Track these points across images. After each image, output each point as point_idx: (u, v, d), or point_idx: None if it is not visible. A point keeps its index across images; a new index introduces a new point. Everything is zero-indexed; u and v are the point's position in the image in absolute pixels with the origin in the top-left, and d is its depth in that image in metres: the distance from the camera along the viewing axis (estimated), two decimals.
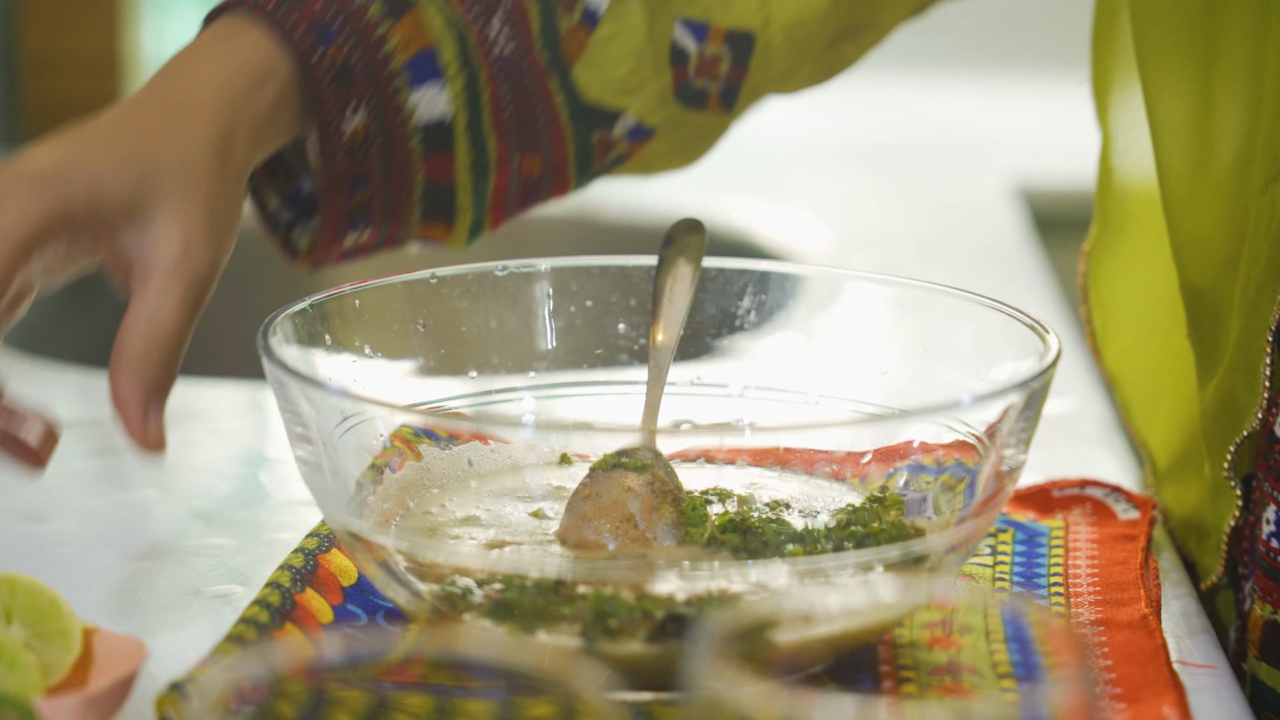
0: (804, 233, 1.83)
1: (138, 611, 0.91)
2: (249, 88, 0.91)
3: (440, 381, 0.97)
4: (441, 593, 0.81)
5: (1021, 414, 0.83)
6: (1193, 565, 1.01)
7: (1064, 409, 1.17)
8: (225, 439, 1.18)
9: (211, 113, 0.89)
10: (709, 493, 0.91)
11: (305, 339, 0.90)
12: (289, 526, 1.00)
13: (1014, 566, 0.94)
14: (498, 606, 0.79)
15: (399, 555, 0.82)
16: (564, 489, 0.92)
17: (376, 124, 0.96)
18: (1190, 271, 0.94)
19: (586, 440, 0.95)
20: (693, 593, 0.79)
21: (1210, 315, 0.94)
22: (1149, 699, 0.81)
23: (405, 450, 0.92)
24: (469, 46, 0.97)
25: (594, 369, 1.00)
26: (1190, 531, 1.01)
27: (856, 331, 0.98)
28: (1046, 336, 0.87)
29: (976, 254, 1.77)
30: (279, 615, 0.85)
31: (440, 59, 0.96)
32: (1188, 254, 0.94)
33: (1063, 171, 2.11)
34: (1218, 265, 0.93)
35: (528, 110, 0.99)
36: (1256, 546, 0.93)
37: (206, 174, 0.88)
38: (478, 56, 0.97)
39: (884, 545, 0.83)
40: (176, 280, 0.85)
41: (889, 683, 0.81)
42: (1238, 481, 0.94)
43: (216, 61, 0.92)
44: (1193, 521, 1.01)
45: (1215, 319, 0.94)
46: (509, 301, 0.99)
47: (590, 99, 1.00)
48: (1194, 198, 0.93)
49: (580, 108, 1.00)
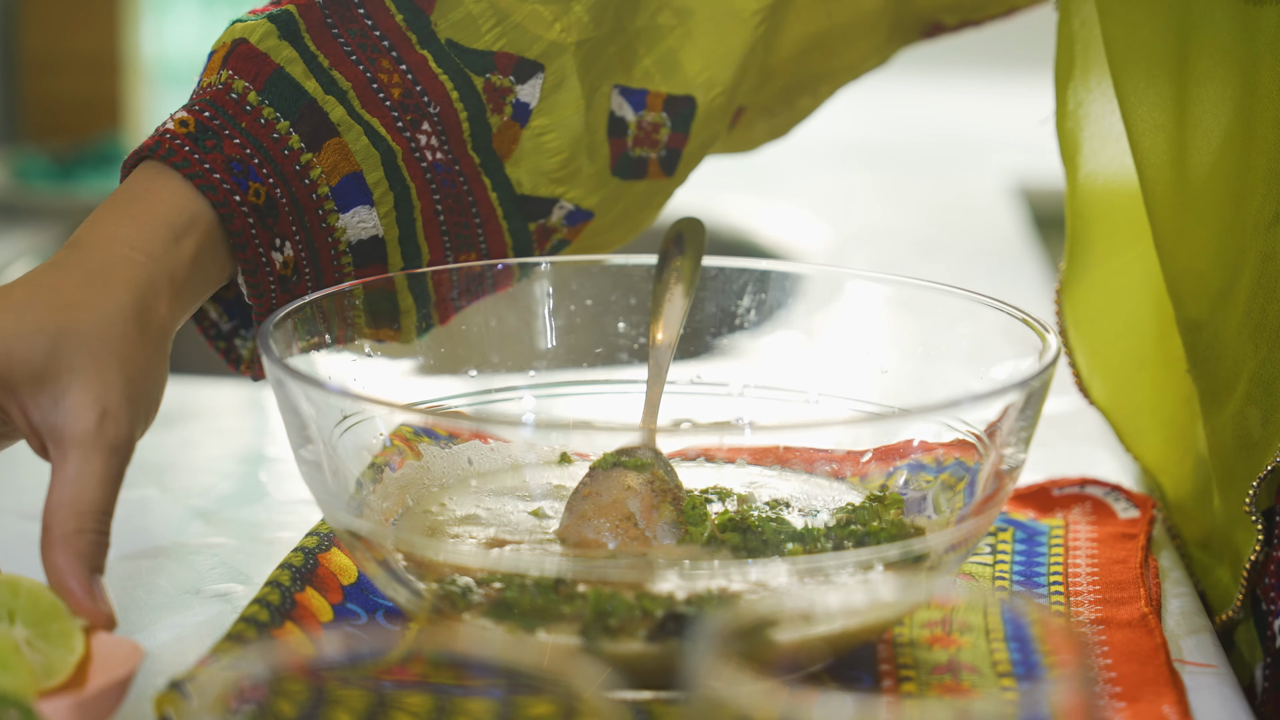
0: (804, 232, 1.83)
1: (137, 610, 0.91)
2: (167, 243, 0.88)
3: (440, 380, 0.97)
4: (441, 591, 0.81)
5: (1021, 413, 0.83)
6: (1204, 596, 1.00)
7: (1064, 408, 1.17)
8: (225, 438, 1.18)
9: (130, 274, 0.86)
10: (709, 491, 0.91)
11: (305, 338, 0.90)
12: (289, 525, 1.00)
13: (1014, 565, 0.94)
14: (497, 605, 0.79)
15: (399, 554, 0.82)
16: (564, 488, 0.92)
17: (306, 252, 0.93)
18: (1186, 306, 0.93)
19: (586, 439, 0.95)
20: (692, 591, 0.79)
21: (1208, 349, 0.93)
22: (1149, 698, 0.81)
23: (405, 449, 0.92)
24: (396, 163, 0.94)
25: (594, 368, 1.00)
26: (1202, 561, 1.01)
27: (856, 330, 0.98)
28: (1046, 335, 0.87)
29: (976, 253, 1.77)
30: (279, 614, 0.85)
31: (367, 181, 0.94)
32: (1182, 289, 0.93)
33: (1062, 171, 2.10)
34: (1212, 298, 0.92)
35: (462, 213, 0.96)
36: None
37: (124, 339, 0.85)
38: (407, 170, 0.94)
39: (884, 544, 0.83)
40: (96, 451, 0.82)
41: (889, 681, 0.81)
42: (1259, 515, 0.92)
43: (133, 217, 0.89)
44: (1205, 551, 1.01)
45: (1213, 353, 0.93)
46: (509, 300, 0.99)
47: (525, 191, 0.97)
48: (1183, 232, 0.92)
49: (514, 199, 0.97)
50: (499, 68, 0.95)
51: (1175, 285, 0.93)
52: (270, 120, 0.92)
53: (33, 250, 1.74)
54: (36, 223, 1.80)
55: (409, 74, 0.94)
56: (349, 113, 0.93)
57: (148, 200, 0.89)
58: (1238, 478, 0.93)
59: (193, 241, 0.89)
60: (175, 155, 0.90)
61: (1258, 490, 0.91)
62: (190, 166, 0.90)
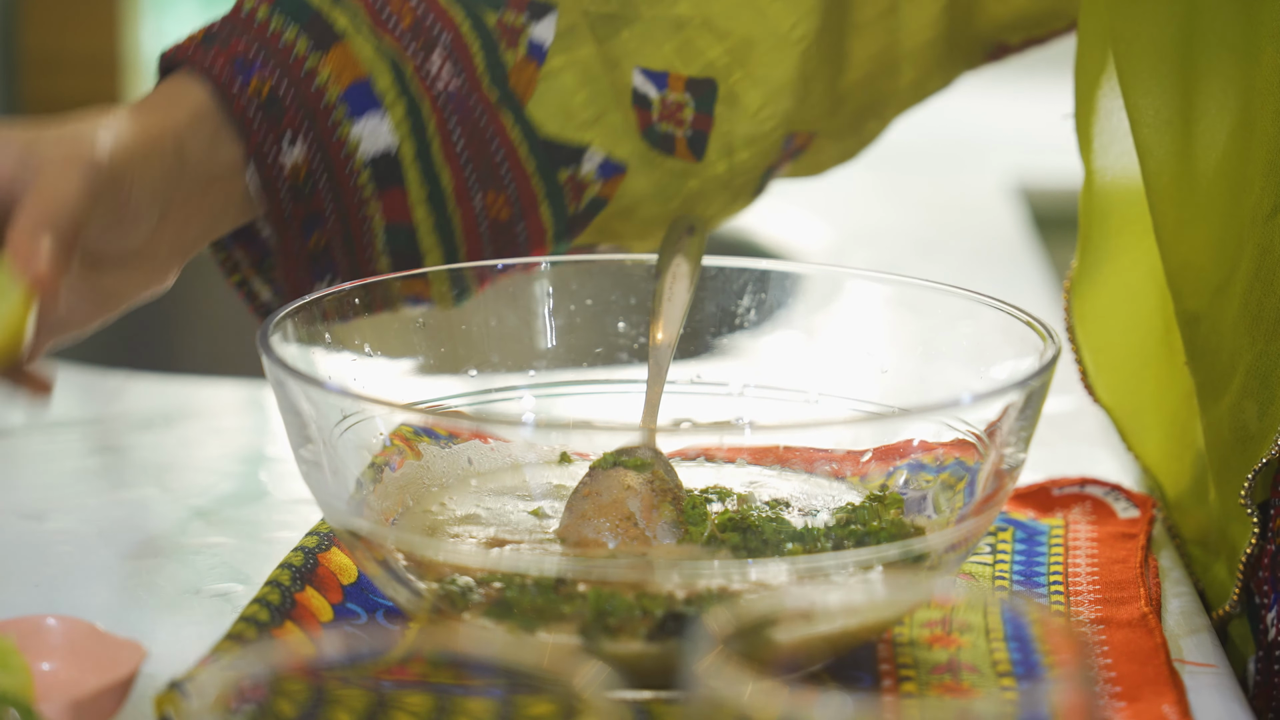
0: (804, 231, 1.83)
1: (137, 610, 0.91)
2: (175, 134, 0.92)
3: (440, 380, 0.97)
4: (441, 591, 0.81)
5: (1021, 412, 0.83)
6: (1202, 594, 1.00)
7: (1064, 407, 1.17)
8: (225, 437, 1.18)
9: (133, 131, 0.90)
10: (709, 491, 0.91)
11: (305, 337, 0.90)
12: (289, 525, 1.00)
13: (1014, 565, 0.94)
14: (497, 605, 0.79)
15: (399, 554, 0.82)
16: (564, 487, 0.92)
17: (319, 159, 0.95)
18: (1185, 299, 0.93)
19: (586, 439, 0.95)
20: (692, 591, 0.79)
21: (1205, 342, 0.93)
22: (1148, 697, 0.81)
23: (405, 449, 0.92)
24: (405, 76, 0.95)
25: (594, 367, 1.00)
26: (1200, 558, 1.01)
27: (856, 330, 0.98)
28: (1046, 335, 0.87)
29: (976, 252, 1.77)
30: (279, 614, 0.85)
31: (376, 88, 0.95)
32: (1181, 282, 0.93)
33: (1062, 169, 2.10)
34: (1211, 291, 0.92)
35: (481, 144, 0.97)
36: (1277, 574, 0.92)
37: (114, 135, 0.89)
38: (417, 86, 0.95)
39: (884, 544, 0.83)
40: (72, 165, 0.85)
41: (889, 681, 0.81)
42: (1254, 509, 0.92)
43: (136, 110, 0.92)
44: (1203, 548, 1.01)
45: (1211, 345, 0.93)
46: (509, 299, 0.99)
47: (549, 134, 0.98)
48: (1184, 225, 0.92)
49: (539, 143, 0.98)
50: (510, 4, 0.96)
51: (1175, 278, 0.93)
52: (277, 29, 0.94)
53: None
54: None
55: (418, 7, 0.95)
56: (355, 25, 0.94)
57: (153, 100, 0.93)
58: (1234, 471, 0.93)
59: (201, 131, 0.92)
60: (179, 55, 0.93)
61: (1253, 483, 0.91)
62: (191, 62, 0.93)
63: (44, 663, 0.80)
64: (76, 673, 0.80)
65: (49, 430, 1.14)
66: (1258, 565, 0.93)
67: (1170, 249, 0.93)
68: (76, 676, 0.80)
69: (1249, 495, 0.92)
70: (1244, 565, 0.93)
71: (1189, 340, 0.94)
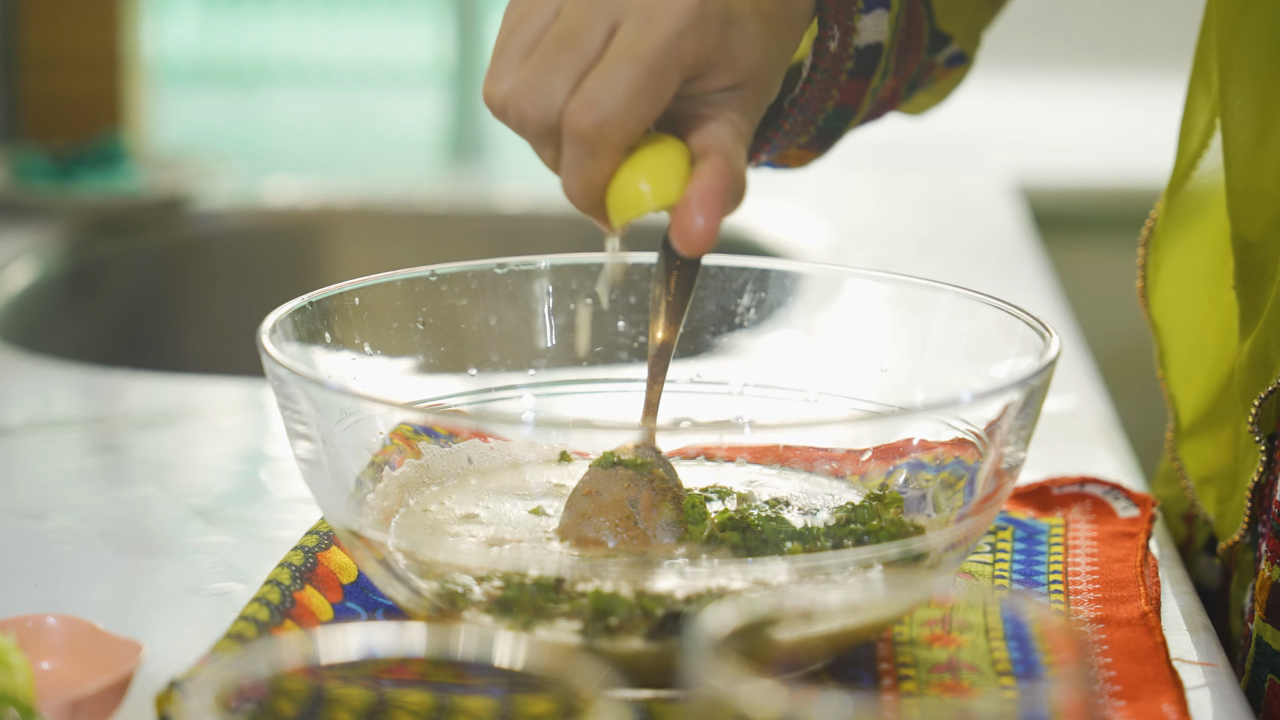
0: (803, 229, 1.83)
1: (137, 609, 0.91)
2: None
3: (440, 379, 0.97)
4: (441, 590, 0.81)
5: (1021, 411, 0.83)
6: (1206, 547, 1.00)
7: (1064, 406, 1.17)
8: (225, 437, 1.18)
9: None
10: (708, 490, 0.91)
11: (305, 336, 0.90)
12: (288, 524, 1.00)
13: (1013, 564, 0.94)
14: (497, 604, 0.79)
15: (398, 553, 0.82)
16: (564, 486, 0.92)
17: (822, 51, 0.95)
18: (1243, 224, 0.95)
19: (586, 438, 0.95)
20: (692, 590, 0.79)
21: (1258, 270, 0.95)
22: (1148, 696, 0.81)
23: (405, 448, 0.92)
24: None
25: (593, 366, 1.00)
26: (1210, 490, 1.02)
27: (856, 329, 0.98)
28: (1046, 334, 0.87)
29: (976, 251, 1.77)
30: (279, 613, 0.85)
31: None
32: (1243, 206, 0.95)
33: (1062, 168, 2.11)
34: (1271, 220, 0.93)
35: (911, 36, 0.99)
36: (1271, 507, 0.93)
37: None
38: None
39: (883, 543, 0.83)
40: None
41: (888, 680, 0.81)
42: (1263, 437, 0.94)
43: None
44: (1215, 480, 1.01)
45: (1262, 274, 0.94)
46: (509, 299, 0.99)
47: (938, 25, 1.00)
48: (1257, 150, 0.94)
49: (934, 33, 1.00)
50: None
51: (1236, 202, 0.95)
52: None
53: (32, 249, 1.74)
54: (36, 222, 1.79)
55: None
56: None
57: None
58: (1249, 397, 0.95)
59: None
60: None
61: (1260, 409, 0.93)
62: None
63: (44, 662, 0.80)
64: (76, 672, 0.80)
65: (49, 430, 1.14)
66: (1263, 495, 0.95)
67: (1236, 173, 0.94)
68: (76, 675, 0.80)
69: (1257, 422, 0.94)
70: (1251, 493, 0.95)
71: (1240, 265, 0.96)
